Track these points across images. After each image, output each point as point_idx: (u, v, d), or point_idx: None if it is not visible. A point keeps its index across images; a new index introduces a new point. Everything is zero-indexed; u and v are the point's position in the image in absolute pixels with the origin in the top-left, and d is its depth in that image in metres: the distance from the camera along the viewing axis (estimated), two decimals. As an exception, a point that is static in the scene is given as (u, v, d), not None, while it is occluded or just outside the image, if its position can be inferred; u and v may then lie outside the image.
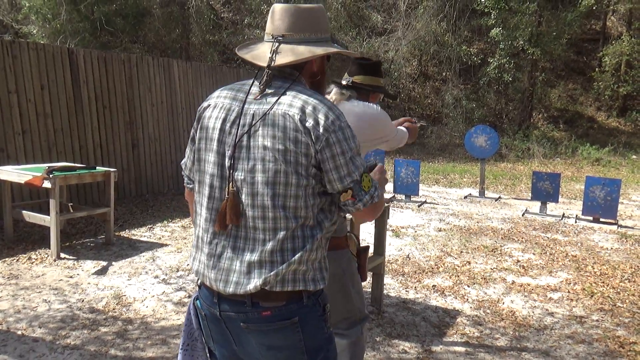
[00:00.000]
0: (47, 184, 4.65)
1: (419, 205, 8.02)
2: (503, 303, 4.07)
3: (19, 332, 3.28)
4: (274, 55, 1.38)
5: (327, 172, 1.34)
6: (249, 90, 1.41)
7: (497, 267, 5.00)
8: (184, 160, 1.60)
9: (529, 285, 4.51)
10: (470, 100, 17.35)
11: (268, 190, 1.33)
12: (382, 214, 3.70)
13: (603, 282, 4.62)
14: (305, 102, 1.33)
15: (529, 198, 8.45)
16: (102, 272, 4.50)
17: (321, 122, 1.31)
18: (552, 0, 16.27)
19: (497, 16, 15.75)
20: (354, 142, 1.35)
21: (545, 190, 7.50)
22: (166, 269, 4.61)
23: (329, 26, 1.50)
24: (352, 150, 1.34)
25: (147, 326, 3.45)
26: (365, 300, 2.46)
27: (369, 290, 3.94)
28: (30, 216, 4.99)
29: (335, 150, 1.32)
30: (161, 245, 5.34)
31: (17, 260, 4.71)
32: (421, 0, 17.64)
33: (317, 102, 1.34)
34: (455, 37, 17.57)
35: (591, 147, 14.81)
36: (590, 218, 7.08)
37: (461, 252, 5.49)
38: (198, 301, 1.50)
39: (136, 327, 3.43)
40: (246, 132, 1.35)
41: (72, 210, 5.37)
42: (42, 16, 13.46)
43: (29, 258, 4.77)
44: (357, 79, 2.48)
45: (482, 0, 15.88)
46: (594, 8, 15.98)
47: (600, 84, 16.82)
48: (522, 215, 7.50)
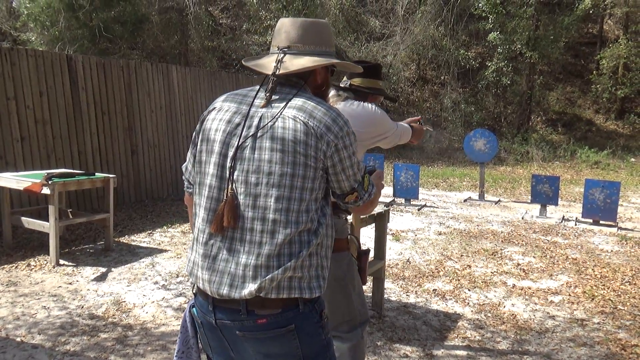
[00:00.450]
0: (46, 191, 4.64)
1: (418, 209, 8.01)
2: (504, 306, 4.06)
3: (18, 339, 3.26)
4: (278, 64, 1.41)
5: (336, 175, 1.40)
6: (256, 95, 1.44)
7: (498, 270, 4.99)
8: (184, 164, 1.60)
9: (529, 288, 4.50)
10: (469, 103, 17.39)
11: (273, 191, 1.33)
12: (382, 218, 3.69)
13: (604, 285, 4.61)
14: (314, 107, 1.37)
15: (529, 201, 8.45)
16: (101, 278, 4.49)
17: (331, 128, 1.36)
18: (549, 4, 16.35)
19: (495, 20, 15.81)
20: (354, 145, 1.42)
21: (545, 193, 7.50)
22: (166, 275, 4.59)
23: (333, 40, 1.54)
24: (355, 154, 1.42)
25: (147, 332, 3.44)
26: (366, 303, 2.45)
27: (369, 295, 3.92)
28: (29, 222, 4.98)
29: (344, 154, 1.38)
30: (161, 251, 5.33)
31: (16, 266, 4.70)
32: (419, 5, 17.71)
33: (326, 108, 1.38)
34: (453, 41, 17.63)
35: (590, 150, 14.83)
36: (590, 220, 7.08)
37: (461, 255, 5.48)
38: (194, 309, 1.49)
39: (136, 333, 3.41)
40: (252, 134, 1.36)
41: (71, 217, 5.35)
42: (40, 23, 13.48)
43: (28, 265, 4.75)
44: (355, 82, 2.49)
45: (480, 5, 15.95)
46: (590, 12, 16.06)
47: (598, 86, 16.88)
48: (522, 218, 7.50)
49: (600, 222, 6.99)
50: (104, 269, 4.71)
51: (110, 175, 5.21)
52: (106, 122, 7.19)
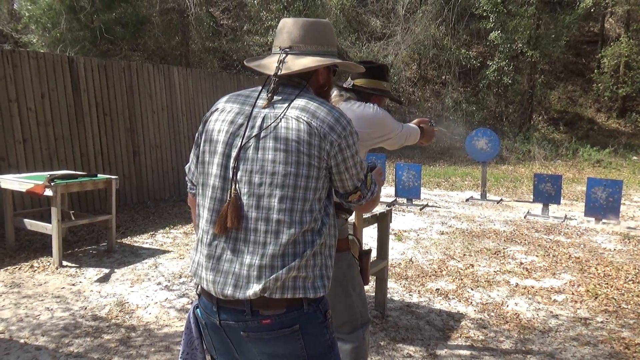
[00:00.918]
0: (48, 192, 4.65)
1: (420, 209, 8.00)
2: (507, 306, 4.06)
3: (22, 341, 3.27)
4: (280, 64, 1.41)
5: (339, 174, 1.40)
6: (258, 96, 1.43)
7: (501, 269, 4.98)
8: (187, 165, 1.60)
9: (532, 287, 4.49)
10: (470, 103, 17.38)
11: (276, 191, 1.33)
12: (384, 218, 3.69)
13: (607, 284, 4.60)
14: (317, 107, 1.37)
15: (531, 200, 8.44)
16: (104, 279, 4.49)
17: (334, 127, 1.36)
18: (550, 3, 16.33)
19: (496, 19, 15.79)
20: (356, 145, 1.42)
21: (547, 192, 7.49)
22: (169, 276, 4.60)
23: (335, 40, 1.54)
24: (357, 153, 1.42)
25: (150, 333, 3.44)
26: (367, 304, 2.44)
27: (372, 295, 3.92)
28: (32, 224, 4.98)
29: (347, 154, 1.39)
30: (163, 252, 5.33)
31: (19, 268, 4.70)
32: (420, 5, 17.70)
33: (329, 108, 1.38)
34: (455, 40, 17.62)
35: (592, 148, 14.81)
36: (593, 219, 7.07)
37: (464, 255, 5.48)
38: (198, 310, 1.49)
39: (139, 334, 3.42)
40: (255, 135, 1.36)
41: (73, 218, 5.36)
42: (41, 25, 13.50)
43: (31, 266, 4.76)
44: (358, 82, 2.46)
45: (481, 4, 15.93)
46: (592, 10, 16.03)
47: (599, 85, 16.85)
48: (524, 217, 7.49)
49: (603, 220, 6.98)
50: (106, 270, 4.71)
51: (113, 177, 5.21)
52: (108, 123, 7.20)
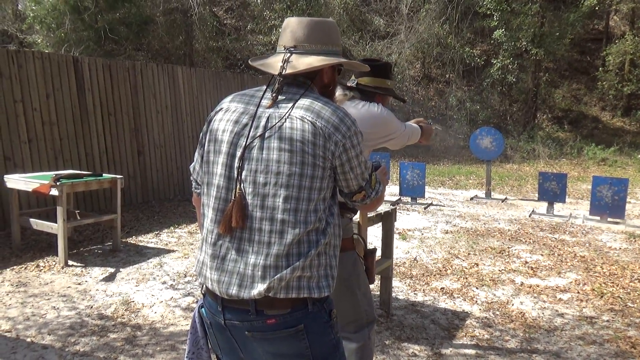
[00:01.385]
0: (54, 192, 4.66)
1: (425, 208, 7.99)
2: (512, 305, 4.05)
3: (29, 340, 3.28)
4: (285, 64, 1.41)
5: (344, 174, 1.40)
6: (263, 95, 1.43)
7: (506, 268, 4.97)
8: (192, 164, 1.60)
9: (538, 286, 4.48)
10: (474, 101, 17.34)
11: (281, 191, 1.33)
12: (389, 217, 3.69)
13: (612, 283, 4.59)
14: (322, 107, 1.37)
15: (536, 199, 8.42)
16: (110, 278, 4.51)
17: (339, 127, 1.35)
18: (554, 1, 16.27)
19: (500, 18, 15.75)
20: (360, 145, 1.42)
21: (552, 190, 7.46)
22: (174, 275, 4.61)
23: (340, 39, 1.53)
24: (362, 153, 1.42)
25: (155, 332, 3.45)
26: (373, 303, 2.44)
27: (377, 294, 3.92)
28: (38, 224, 5.01)
29: (352, 154, 1.39)
30: (168, 251, 5.34)
31: (25, 267, 4.73)
32: (423, 3, 17.67)
33: (334, 108, 1.38)
34: (458, 39, 17.58)
35: (597, 147, 14.75)
36: (598, 218, 7.04)
37: (469, 254, 5.47)
38: (203, 309, 1.49)
39: (145, 333, 3.43)
40: (260, 135, 1.36)
41: (79, 218, 5.38)
42: (46, 26, 13.55)
43: (37, 265, 4.78)
44: (362, 81, 2.44)
45: (485, 2, 15.88)
46: (596, 8, 15.96)
47: (604, 83, 16.77)
48: (529, 216, 7.47)
49: (608, 219, 6.96)
50: (112, 270, 4.73)
51: (118, 176, 5.23)
52: (112, 123, 7.22)
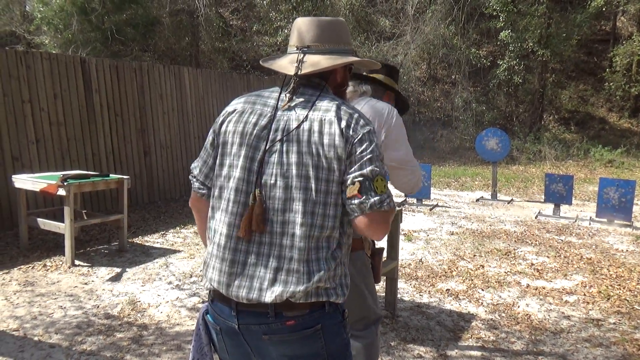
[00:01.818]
0: (61, 192, 4.69)
1: (430, 209, 7.98)
2: (518, 306, 4.04)
3: (36, 339, 3.31)
4: (300, 64, 1.41)
5: (348, 167, 1.34)
6: (279, 97, 1.42)
7: (511, 270, 4.95)
8: (195, 165, 1.54)
9: (544, 288, 4.46)
10: (480, 102, 17.28)
11: (300, 195, 1.33)
12: (394, 218, 3.68)
13: (619, 285, 4.56)
14: (338, 108, 1.37)
15: (542, 200, 8.39)
16: (116, 278, 4.53)
17: (355, 127, 1.35)
18: (561, 2, 16.19)
19: (506, 19, 15.69)
20: (378, 149, 1.38)
21: (559, 192, 7.43)
22: (179, 275, 4.63)
23: (350, 38, 1.52)
24: (374, 153, 1.35)
25: (161, 332, 3.47)
26: (378, 301, 2.45)
27: (382, 295, 3.92)
28: (45, 224, 5.04)
29: (361, 148, 1.34)
30: (174, 252, 5.36)
31: (33, 267, 4.76)
32: (429, 4, 17.64)
33: (351, 109, 1.38)
34: (464, 40, 17.53)
35: (603, 148, 14.66)
36: (605, 220, 7.01)
37: (474, 255, 5.45)
38: (208, 315, 1.47)
39: (151, 333, 3.44)
40: (279, 138, 1.35)
41: (86, 218, 5.41)
42: (53, 27, 13.64)
43: (44, 265, 4.81)
44: (377, 77, 2.44)
45: (491, 3, 15.84)
46: (603, 9, 15.86)
47: (611, 84, 16.67)
48: (535, 217, 7.44)
49: (615, 221, 6.92)
50: (118, 269, 4.75)
51: (125, 177, 5.25)
52: (119, 123, 7.26)
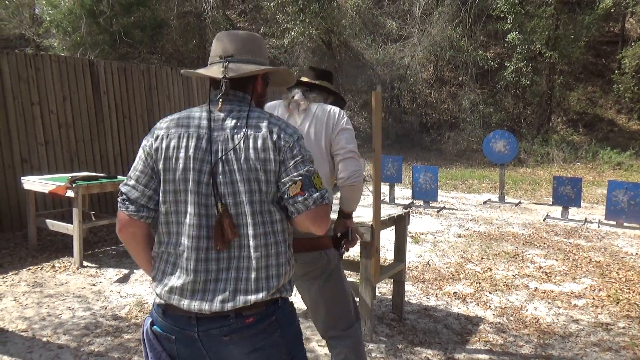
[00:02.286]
0: (70, 193, 4.72)
1: (437, 211, 7.95)
2: (526, 310, 4.01)
3: (44, 339, 3.33)
4: (225, 69, 1.50)
5: (282, 174, 1.45)
6: (209, 116, 1.50)
7: (519, 273, 4.92)
8: (129, 189, 1.50)
9: (552, 291, 4.43)
10: (488, 104, 17.23)
11: (248, 208, 1.43)
12: (402, 221, 3.67)
13: (629, 289, 4.52)
14: (269, 122, 1.49)
15: (550, 203, 8.34)
16: (124, 279, 4.55)
17: (285, 138, 1.47)
18: (569, 3, 16.12)
19: (514, 20, 15.63)
20: (307, 152, 1.51)
21: (567, 195, 7.39)
22: (187, 277, 4.63)
23: (266, 52, 1.66)
24: (305, 156, 1.48)
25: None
26: (355, 301, 2.48)
27: (389, 297, 3.91)
28: (54, 225, 5.07)
29: (292, 154, 1.46)
30: (181, 253, 5.37)
31: (41, 268, 4.79)
32: (436, 6, 17.61)
33: (279, 122, 1.51)
34: (472, 41, 17.49)
35: (612, 150, 14.55)
36: (614, 223, 6.95)
37: (482, 258, 5.43)
38: (156, 327, 1.49)
39: (158, 335, 3.45)
40: (221, 158, 1.44)
41: (94, 219, 5.44)
42: (62, 29, 13.76)
43: (53, 266, 4.84)
44: (320, 83, 2.53)
45: (498, 5, 15.79)
46: (612, 10, 15.77)
47: (620, 86, 16.55)
48: (544, 220, 7.40)
49: (624, 224, 6.87)
50: (126, 271, 4.77)
51: (132, 178, 5.27)
52: (127, 125, 7.30)
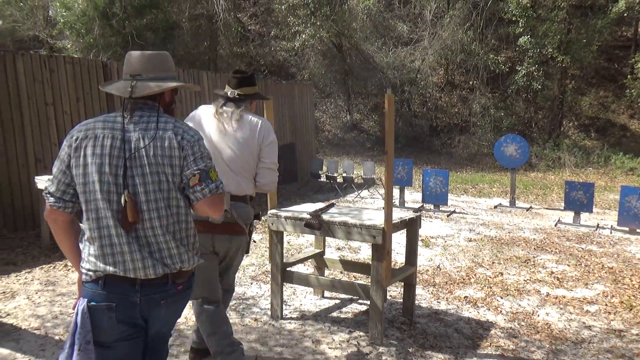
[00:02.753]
0: (83, 193, 4.76)
1: (448, 215, 7.92)
2: (538, 315, 3.98)
3: (57, 337, 3.35)
4: (133, 89, 1.76)
5: (185, 168, 1.77)
6: (123, 120, 1.76)
7: (531, 278, 4.89)
8: (49, 184, 1.78)
9: (564, 297, 4.40)
10: (499, 109, 17.15)
11: (158, 195, 1.74)
12: (413, 224, 3.66)
13: (642, 295, 4.48)
14: (174, 125, 1.80)
15: (562, 208, 8.28)
16: (135, 280, 4.57)
17: (187, 138, 1.78)
18: (581, 8, 16.00)
19: (525, 24, 15.55)
20: (206, 150, 1.84)
21: (579, 200, 7.33)
22: (197, 278, 4.65)
23: (174, 66, 1.94)
24: (203, 153, 1.81)
25: (180, 333, 3.49)
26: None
27: (400, 301, 3.90)
28: (66, 225, 5.11)
29: (193, 151, 1.78)
30: (192, 254, 5.40)
31: (54, 267, 4.83)
32: (447, 10, 17.58)
33: (182, 125, 1.82)
34: (483, 45, 17.43)
35: (625, 156, 14.42)
36: (627, 229, 6.88)
37: (493, 262, 5.40)
38: (92, 302, 1.71)
39: (169, 335, 3.46)
40: (134, 152, 1.72)
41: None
42: (76, 31, 13.89)
43: (65, 265, 4.88)
44: (242, 91, 2.84)
45: (510, 9, 15.72)
46: (625, 15, 15.64)
47: (632, 91, 16.38)
48: (555, 225, 7.34)
49: (637, 230, 6.80)
50: (137, 271, 4.80)
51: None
52: (139, 127, 7.35)
